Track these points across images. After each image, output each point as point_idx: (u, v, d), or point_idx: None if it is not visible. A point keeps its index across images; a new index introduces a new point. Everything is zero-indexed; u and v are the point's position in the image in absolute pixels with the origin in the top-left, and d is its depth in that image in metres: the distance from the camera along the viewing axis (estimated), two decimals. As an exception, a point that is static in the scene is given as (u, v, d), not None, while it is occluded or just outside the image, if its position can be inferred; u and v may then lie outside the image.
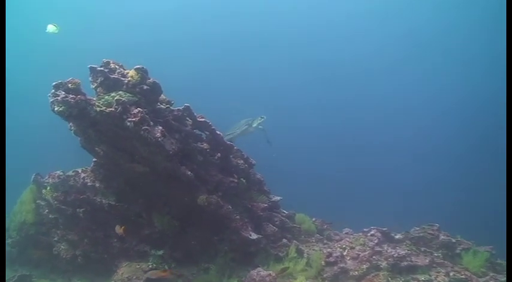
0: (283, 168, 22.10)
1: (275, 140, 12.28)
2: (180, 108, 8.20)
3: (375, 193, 22.13)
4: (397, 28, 30.16)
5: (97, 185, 8.86)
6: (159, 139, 7.28)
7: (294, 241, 9.19)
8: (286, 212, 10.01)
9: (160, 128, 7.36)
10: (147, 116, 7.27)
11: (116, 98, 7.10)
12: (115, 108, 7.07)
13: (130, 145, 7.56)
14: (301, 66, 31.38)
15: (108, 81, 7.51)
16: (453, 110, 29.35)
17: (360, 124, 29.10)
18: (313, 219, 10.35)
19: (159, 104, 8.00)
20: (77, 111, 7.07)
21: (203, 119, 8.37)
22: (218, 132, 8.56)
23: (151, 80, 7.60)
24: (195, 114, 8.30)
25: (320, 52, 31.49)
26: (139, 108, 7.18)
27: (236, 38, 31.35)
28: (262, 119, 11.49)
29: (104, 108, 7.06)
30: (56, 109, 7.02)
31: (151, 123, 7.31)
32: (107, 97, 7.26)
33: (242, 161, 9.11)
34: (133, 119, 7.07)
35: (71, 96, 7.04)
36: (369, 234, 9.47)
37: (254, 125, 11.49)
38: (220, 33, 31.38)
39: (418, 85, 30.95)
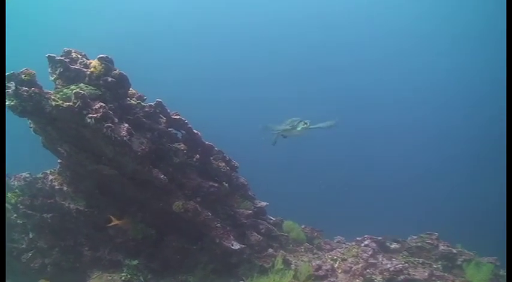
0: (273, 170, 20.93)
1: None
2: (152, 104, 7.03)
3: (369, 199, 20.86)
4: (397, 21, 28.76)
5: (65, 188, 7.71)
6: (125, 138, 6.12)
7: (281, 251, 8.06)
8: (274, 219, 8.86)
9: (126, 125, 6.22)
10: (111, 112, 6.13)
11: (75, 91, 5.93)
12: (73, 102, 5.92)
13: (94, 145, 6.40)
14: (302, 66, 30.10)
15: (69, 73, 6.38)
16: (448, 110, 28.03)
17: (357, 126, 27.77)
18: (303, 226, 9.17)
19: (128, 99, 6.82)
20: (31, 106, 5.90)
21: (178, 117, 7.20)
22: (195, 131, 7.39)
23: (117, 71, 6.45)
24: (168, 110, 7.12)
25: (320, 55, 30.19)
26: (101, 103, 6.02)
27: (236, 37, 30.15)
28: (306, 125, 9.57)
29: (61, 102, 5.89)
30: (7, 103, 5.84)
31: (116, 120, 6.16)
32: (65, 90, 6.10)
33: (224, 164, 7.94)
34: (95, 115, 5.93)
35: (24, 88, 5.86)
36: (362, 244, 8.30)
37: (299, 129, 9.61)
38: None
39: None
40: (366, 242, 8.33)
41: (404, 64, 29.48)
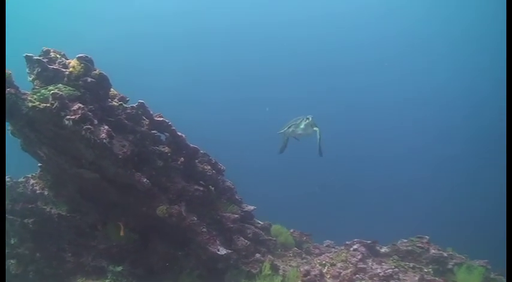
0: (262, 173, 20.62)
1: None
2: (134, 105, 6.74)
3: (363, 201, 20.58)
4: (397, 23, 28.50)
5: (46, 193, 7.41)
6: (104, 141, 5.83)
7: (269, 256, 7.76)
8: (262, 223, 8.59)
9: (106, 127, 5.93)
10: (90, 114, 5.85)
11: (52, 91, 5.65)
12: (51, 103, 5.64)
13: (73, 147, 6.11)
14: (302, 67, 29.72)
15: (47, 73, 6.08)
16: (447, 112, 27.77)
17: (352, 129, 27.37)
18: (291, 230, 8.90)
19: (110, 100, 6.54)
20: (7, 108, 5.60)
21: (161, 119, 6.92)
22: (179, 134, 7.10)
23: (97, 71, 6.17)
24: (151, 112, 6.84)
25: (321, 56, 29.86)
26: (79, 104, 5.74)
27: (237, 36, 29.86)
28: (308, 121, 8.90)
29: (38, 103, 5.62)
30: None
31: (96, 121, 5.87)
32: (43, 91, 5.82)
33: (209, 167, 7.66)
34: (73, 117, 5.65)
35: (0, 89, 5.57)
36: (351, 248, 8.04)
37: (302, 127, 8.99)
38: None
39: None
40: (355, 246, 8.07)
41: (404, 65, 29.09)
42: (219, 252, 7.14)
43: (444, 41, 27.39)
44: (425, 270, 7.74)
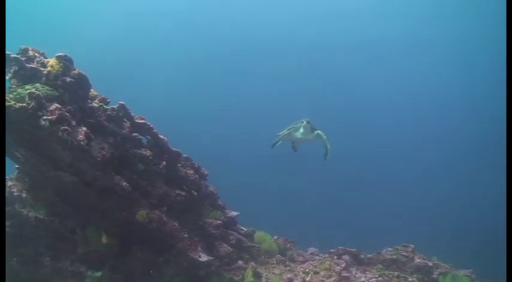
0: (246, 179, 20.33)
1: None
2: (115, 107, 6.54)
3: (346, 207, 20.31)
4: (398, 22, 28.22)
5: (24, 195, 7.16)
6: (82, 143, 5.62)
7: (252, 263, 7.60)
8: (245, 229, 8.40)
9: (84, 129, 5.72)
10: (68, 115, 5.63)
11: (29, 91, 5.44)
12: (27, 103, 5.41)
13: (50, 149, 5.87)
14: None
15: (25, 72, 5.85)
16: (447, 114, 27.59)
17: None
18: (275, 237, 8.72)
19: (90, 101, 6.33)
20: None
21: (143, 121, 6.72)
22: (161, 137, 6.91)
23: (76, 71, 5.96)
24: (132, 114, 6.64)
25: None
26: (57, 105, 5.53)
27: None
28: (303, 123, 8.52)
29: (13, 103, 5.38)
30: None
31: (74, 123, 5.66)
32: (20, 90, 5.59)
33: (192, 171, 7.46)
34: (50, 118, 5.43)
35: (-27, 87, 5.35)
36: (335, 256, 7.87)
37: (301, 131, 8.56)
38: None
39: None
40: (339, 254, 7.92)
41: (403, 65, 28.68)
42: (200, 259, 6.98)
43: (445, 40, 27.01)
44: (410, 280, 7.60)
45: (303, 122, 8.54)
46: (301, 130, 8.61)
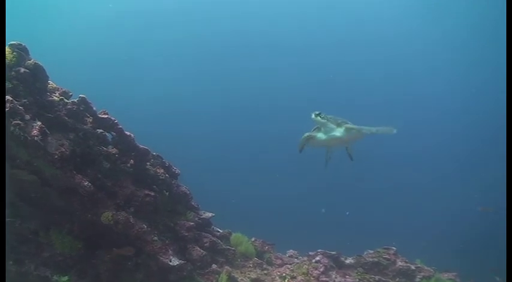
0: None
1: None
2: (75, 100, 5.99)
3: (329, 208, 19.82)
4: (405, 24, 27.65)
5: (-18, 195, 6.57)
6: (36, 138, 5.10)
7: (226, 267, 7.11)
8: (221, 231, 7.90)
9: (38, 123, 5.20)
10: (21, 108, 5.11)
11: (-22, 82, 4.90)
12: (-24, 95, 4.87)
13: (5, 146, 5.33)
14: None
15: (-26, 62, 5.30)
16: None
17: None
18: (253, 239, 8.21)
19: (49, 94, 5.79)
20: None
21: (106, 116, 6.17)
22: (127, 133, 6.38)
23: (31, 61, 5.43)
24: (94, 109, 6.10)
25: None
26: (9, 97, 4.99)
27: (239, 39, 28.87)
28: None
29: (-40, 95, 4.84)
30: None
31: (28, 117, 5.14)
32: (-32, 81, 5.05)
33: (163, 170, 6.94)
34: (0, 111, 4.88)
35: None
36: (314, 259, 7.39)
37: (339, 133, 6.91)
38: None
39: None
40: (317, 258, 7.42)
41: (405, 66, 28.47)
42: (170, 263, 6.50)
43: (452, 43, 26.53)
44: (392, 284, 7.17)
45: (344, 123, 6.82)
46: (341, 132, 6.92)
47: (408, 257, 8.03)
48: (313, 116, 6.87)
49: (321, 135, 7.15)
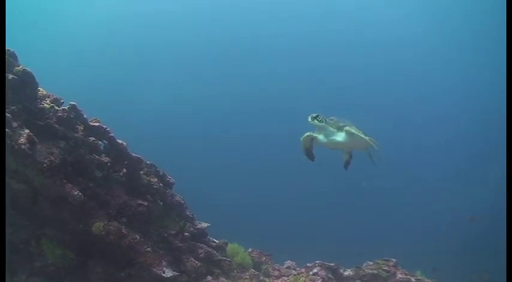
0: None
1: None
2: (66, 108, 5.81)
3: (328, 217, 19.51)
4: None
5: (-28, 204, 6.38)
6: (23, 146, 4.91)
7: (222, 278, 6.92)
8: (217, 241, 7.67)
9: (26, 131, 5.02)
10: (9, 115, 4.92)
11: (-36, 89, 4.72)
12: (-39, 102, 4.69)
13: (-8, 154, 5.14)
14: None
15: (-39, 68, 5.13)
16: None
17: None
18: (250, 250, 8.00)
19: (39, 101, 5.61)
20: None
21: (98, 124, 6.00)
22: (120, 141, 6.20)
23: (20, 67, 5.26)
24: (85, 116, 5.92)
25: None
26: (-4, 104, 4.81)
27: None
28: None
29: None
30: None
31: (15, 124, 4.96)
32: (-46, 88, 4.87)
33: (156, 179, 6.74)
34: (-14, 118, 4.70)
35: None
36: (311, 271, 7.17)
37: (341, 137, 6.12)
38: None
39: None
40: (315, 270, 7.20)
41: (405, 67, 28.16)
42: (164, 275, 6.32)
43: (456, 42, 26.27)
44: (391, 297, 6.95)
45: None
46: (341, 137, 6.15)
47: (408, 262, 7.85)
48: (309, 119, 6.04)
49: (322, 138, 6.35)
